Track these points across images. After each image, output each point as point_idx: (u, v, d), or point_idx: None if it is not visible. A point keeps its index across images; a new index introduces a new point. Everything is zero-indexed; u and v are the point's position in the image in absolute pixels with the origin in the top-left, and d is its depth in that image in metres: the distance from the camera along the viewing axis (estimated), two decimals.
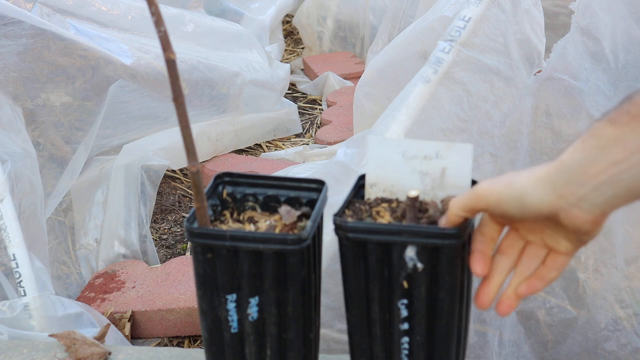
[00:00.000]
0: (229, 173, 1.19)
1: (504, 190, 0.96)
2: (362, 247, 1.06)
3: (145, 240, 2.25)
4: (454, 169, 1.10)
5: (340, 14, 3.75)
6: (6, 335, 1.61)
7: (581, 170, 0.92)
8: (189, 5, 3.31)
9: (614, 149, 0.90)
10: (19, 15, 2.06)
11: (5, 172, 1.79)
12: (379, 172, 1.13)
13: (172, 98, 0.99)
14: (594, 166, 0.91)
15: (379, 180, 1.13)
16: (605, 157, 0.90)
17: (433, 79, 1.59)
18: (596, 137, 0.91)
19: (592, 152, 0.91)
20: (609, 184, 0.91)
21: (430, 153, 1.11)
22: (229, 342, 1.12)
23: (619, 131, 0.90)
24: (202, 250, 1.08)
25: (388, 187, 1.13)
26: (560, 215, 0.95)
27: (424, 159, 1.11)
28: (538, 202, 0.94)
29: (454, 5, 1.76)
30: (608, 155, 0.90)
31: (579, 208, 0.93)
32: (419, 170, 1.12)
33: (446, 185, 1.11)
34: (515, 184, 0.96)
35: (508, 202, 0.96)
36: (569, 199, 0.93)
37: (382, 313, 1.08)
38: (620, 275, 1.56)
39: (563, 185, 0.93)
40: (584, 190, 0.92)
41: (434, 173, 1.11)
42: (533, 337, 1.60)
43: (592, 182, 0.91)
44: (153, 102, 2.47)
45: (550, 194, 0.93)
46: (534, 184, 0.94)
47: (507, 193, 0.96)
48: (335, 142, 2.83)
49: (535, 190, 0.94)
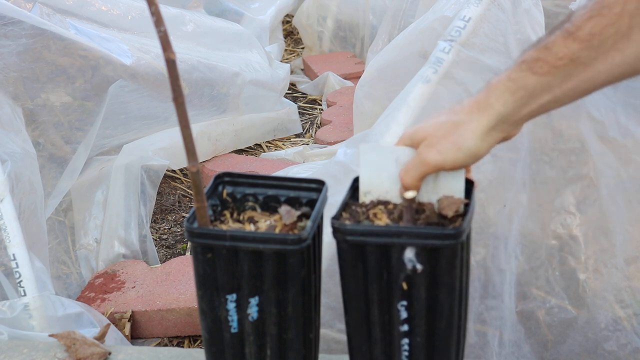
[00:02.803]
0: (229, 173, 1.19)
1: (457, 154, 1.08)
2: (360, 250, 1.06)
3: (145, 240, 2.25)
4: (447, 173, 1.11)
5: (340, 14, 3.75)
6: (6, 335, 1.61)
7: (516, 115, 1.08)
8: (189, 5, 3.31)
9: (541, 95, 1.06)
10: (19, 15, 2.06)
11: (5, 172, 1.79)
12: (372, 179, 1.13)
13: (172, 98, 0.99)
14: (526, 109, 1.08)
15: (373, 187, 1.13)
16: (535, 102, 1.07)
17: (433, 79, 1.59)
18: (524, 89, 1.06)
19: (523, 101, 1.06)
20: (537, 113, 1.09)
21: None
22: (229, 342, 1.12)
23: (542, 80, 1.04)
24: (202, 250, 1.08)
25: (382, 194, 1.13)
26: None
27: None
28: (487, 150, 1.10)
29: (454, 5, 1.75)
30: (537, 100, 1.07)
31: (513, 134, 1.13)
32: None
33: (440, 189, 1.12)
34: (464, 145, 1.08)
35: (462, 161, 1.09)
36: (507, 135, 1.12)
37: (382, 315, 1.08)
38: (620, 275, 1.56)
39: (503, 129, 1.10)
40: (518, 125, 1.11)
41: (427, 179, 1.11)
42: (533, 337, 1.60)
43: (525, 118, 1.09)
44: (153, 102, 2.47)
45: (494, 140, 1.10)
46: (480, 138, 1.08)
47: (461, 156, 1.08)
48: (335, 142, 2.83)
49: (483, 142, 1.09)
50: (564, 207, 1.58)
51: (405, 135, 1.14)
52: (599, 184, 1.55)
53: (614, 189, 1.55)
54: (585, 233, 1.58)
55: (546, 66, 1.04)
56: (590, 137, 1.56)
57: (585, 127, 1.56)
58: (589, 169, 1.56)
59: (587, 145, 1.56)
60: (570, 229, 1.59)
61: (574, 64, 1.02)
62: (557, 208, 1.58)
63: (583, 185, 1.57)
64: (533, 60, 1.05)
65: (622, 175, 1.54)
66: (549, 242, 1.60)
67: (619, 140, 1.55)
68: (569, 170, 1.58)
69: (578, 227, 1.59)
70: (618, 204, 1.55)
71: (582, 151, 1.56)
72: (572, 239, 1.59)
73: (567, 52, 1.02)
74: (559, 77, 1.04)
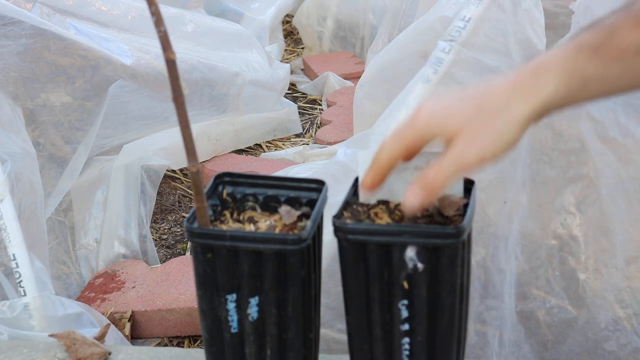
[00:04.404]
0: (229, 173, 1.19)
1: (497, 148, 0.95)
2: (361, 249, 1.06)
3: (145, 240, 2.25)
4: None
5: (340, 14, 3.75)
6: (6, 335, 1.61)
7: (561, 104, 0.96)
8: (189, 5, 3.31)
9: (594, 84, 0.94)
10: (19, 15, 2.06)
11: (5, 172, 1.78)
12: None
13: (172, 98, 0.99)
14: (573, 98, 0.96)
15: (371, 195, 1.13)
16: (586, 91, 0.95)
17: (433, 79, 1.59)
18: (581, 75, 0.93)
19: (576, 88, 0.94)
20: (577, 104, 0.97)
21: (421, 163, 1.11)
22: (229, 342, 1.12)
23: (603, 68, 0.93)
24: (202, 250, 1.08)
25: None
26: None
27: (415, 170, 1.11)
28: (520, 139, 0.96)
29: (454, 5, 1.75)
30: (588, 89, 0.95)
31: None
32: (412, 182, 1.12)
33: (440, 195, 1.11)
34: (504, 137, 0.95)
35: (500, 154, 0.96)
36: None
37: (383, 314, 1.08)
38: (620, 275, 1.56)
39: (541, 118, 0.96)
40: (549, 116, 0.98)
41: None
42: (533, 337, 1.60)
43: (564, 108, 0.97)
44: (153, 102, 2.47)
45: (528, 129, 0.96)
46: (522, 126, 0.95)
47: (501, 148, 0.96)
48: (335, 142, 2.83)
49: (522, 132, 0.96)
50: (564, 207, 1.58)
51: (421, 125, 0.98)
52: (599, 184, 1.55)
53: (614, 189, 1.55)
54: (585, 233, 1.58)
55: (610, 53, 0.93)
56: (590, 137, 1.56)
57: (585, 127, 1.56)
58: (589, 169, 1.56)
59: (587, 145, 1.56)
60: (570, 229, 1.59)
61: (638, 56, 0.92)
62: (557, 208, 1.58)
63: (583, 185, 1.57)
64: (596, 46, 0.93)
65: (622, 175, 1.54)
66: (549, 242, 1.60)
67: (619, 140, 1.54)
68: (569, 170, 1.58)
69: (578, 227, 1.59)
70: (618, 204, 1.55)
71: (582, 151, 1.56)
72: (572, 239, 1.59)
73: (633, 41, 0.92)
74: (620, 67, 0.93)
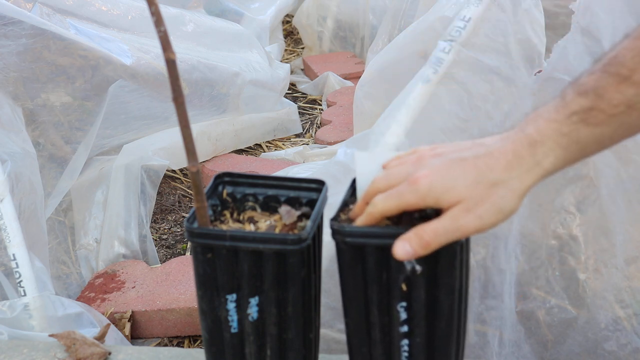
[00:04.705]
0: (229, 173, 1.19)
1: (498, 217, 0.98)
2: (360, 251, 1.05)
3: (145, 240, 2.25)
4: None
5: (340, 14, 3.75)
6: (6, 335, 1.61)
7: (561, 168, 0.99)
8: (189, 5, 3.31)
9: (591, 147, 0.98)
10: (19, 15, 2.06)
11: (5, 172, 1.78)
12: None
13: (172, 98, 0.99)
14: (572, 162, 0.99)
15: None
16: (583, 154, 0.99)
17: (433, 79, 1.59)
18: (576, 143, 0.97)
19: (573, 155, 0.98)
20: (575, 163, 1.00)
21: None
22: (229, 342, 1.12)
23: (596, 131, 0.96)
24: (202, 250, 1.08)
25: None
26: None
27: None
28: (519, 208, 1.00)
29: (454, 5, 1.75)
30: (585, 152, 0.99)
31: None
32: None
33: None
34: (505, 208, 0.98)
35: (501, 222, 0.99)
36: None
37: (381, 316, 1.08)
38: (620, 275, 1.56)
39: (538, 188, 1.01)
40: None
41: None
42: (533, 337, 1.60)
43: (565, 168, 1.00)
44: (153, 102, 2.47)
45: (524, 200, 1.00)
46: (522, 197, 0.99)
47: (501, 218, 0.98)
48: (335, 142, 2.83)
49: (522, 200, 0.99)
50: (563, 207, 1.58)
51: (423, 191, 0.99)
52: (599, 184, 1.55)
53: (614, 189, 1.55)
54: (585, 233, 1.58)
55: (601, 115, 0.95)
56: None
57: None
58: (589, 169, 1.56)
59: None
60: (570, 229, 1.59)
61: (630, 110, 0.94)
62: (557, 208, 1.58)
63: (583, 185, 1.57)
64: (586, 111, 0.96)
65: (622, 175, 1.54)
66: (549, 242, 1.60)
67: None
68: (569, 170, 1.57)
69: (578, 227, 1.59)
70: (618, 204, 1.55)
71: None
72: (572, 239, 1.59)
73: (622, 99, 0.94)
74: (613, 125, 0.96)
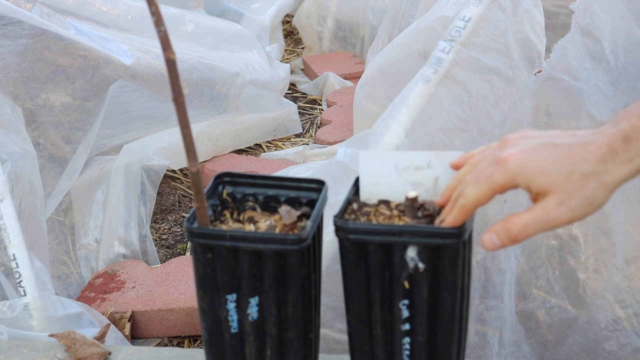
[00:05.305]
0: (229, 173, 1.19)
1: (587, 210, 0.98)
2: (363, 248, 1.06)
3: (145, 240, 2.25)
4: (446, 177, 1.11)
5: (340, 14, 3.75)
6: (6, 335, 1.61)
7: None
8: (189, 5, 3.31)
9: None
10: (19, 15, 2.06)
11: (5, 172, 1.78)
12: (372, 187, 1.13)
13: (172, 98, 0.99)
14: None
15: (373, 195, 1.13)
16: None
17: (433, 79, 1.59)
18: None
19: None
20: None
21: (421, 163, 1.11)
22: (229, 342, 1.12)
23: None
24: (202, 250, 1.08)
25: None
26: None
27: (416, 170, 1.11)
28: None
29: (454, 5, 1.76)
30: None
31: None
32: (412, 182, 1.12)
33: (440, 189, 1.11)
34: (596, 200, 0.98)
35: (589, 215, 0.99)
36: None
37: (383, 314, 1.08)
38: (620, 275, 1.56)
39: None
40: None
41: (427, 183, 1.11)
42: (533, 337, 1.60)
43: None
44: (153, 102, 2.47)
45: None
46: (613, 191, 0.98)
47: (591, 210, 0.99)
48: (335, 142, 2.83)
49: (608, 197, 0.99)
50: None
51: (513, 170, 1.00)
52: None
53: None
54: (585, 233, 1.58)
55: None
56: None
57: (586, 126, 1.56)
58: None
59: None
60: (570, 229, 1.59)
61: None
62: None
63: None
64: None
65: None
66: (549, 242, 1.60)
67: None
68: None
69: (578, 227, 1.59)
70: (618, 204, 1.55)
71: None
72: (572, 239, 1.59)
73: None
74: None
